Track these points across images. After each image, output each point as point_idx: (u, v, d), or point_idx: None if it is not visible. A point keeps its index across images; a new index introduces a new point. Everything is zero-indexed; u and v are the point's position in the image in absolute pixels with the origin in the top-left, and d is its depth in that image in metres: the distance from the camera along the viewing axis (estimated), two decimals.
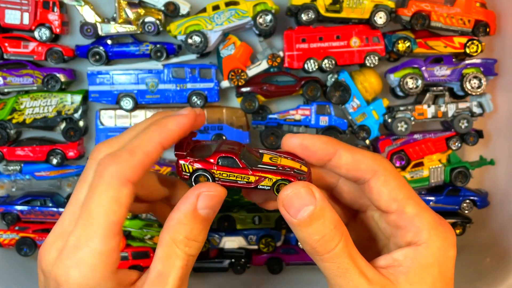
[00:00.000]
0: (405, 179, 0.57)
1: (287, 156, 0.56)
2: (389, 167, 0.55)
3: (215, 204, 0.52)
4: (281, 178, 0.53)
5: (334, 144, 0.55)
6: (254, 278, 1.11)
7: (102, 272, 0.48)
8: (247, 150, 0.55)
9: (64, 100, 1.06)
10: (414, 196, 0.54)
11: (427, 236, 0.52)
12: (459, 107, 1.10)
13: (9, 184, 1.09)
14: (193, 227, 0.51)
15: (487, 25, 1.06)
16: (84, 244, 0.48)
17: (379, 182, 0.54)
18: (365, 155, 0.55)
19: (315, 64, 1.05)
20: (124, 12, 1.05)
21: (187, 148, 0.55)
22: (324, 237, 0.49)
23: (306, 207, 0.49)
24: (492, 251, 1.08)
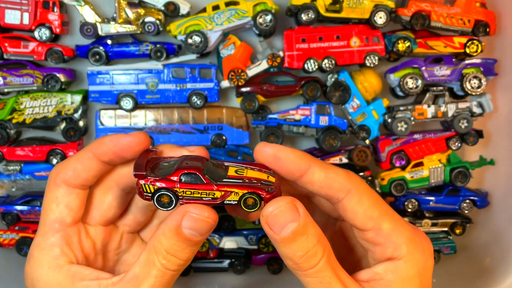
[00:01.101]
0: (378, 196, 0.56)
1: (254, 167, 0.54)
2: (362, 185, 0.54)
3: (200, 227, 0.51)
4: (248, 191, 0.51)
5: (307, 160, 0.54)
6: (254, 278, 1.11)
7: (45, 265, 0.54)
8: (211, 164, 0.53)
9: (64, 100, 1.06)
10: (389, 211, 0.54)
11: (405, 250, 0.53)
12: (459, 107, 1.10)
13: (9, 184, 1.09)
14: (174, 243, 0.51)
15: (487, 25, 1.06)
16: (33, 241, 0.56)
17: (353, 201, 0.53)
18: (338, 173, 0.54)
19: (315, 64, 1.05)
20: (124, 12, 1.05)
21: (147, 167, 0.53)
22: (307, 253, 0.50)
23: (290, 223, 0.49)
24: (492, 251, 1.08)
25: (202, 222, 0.51)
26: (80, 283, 0.54)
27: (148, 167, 0.53)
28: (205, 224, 0.51)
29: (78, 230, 0.58)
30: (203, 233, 0.51)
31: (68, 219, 0.56)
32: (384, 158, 1.11)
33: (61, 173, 0.56)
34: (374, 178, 1.12)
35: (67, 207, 0.56)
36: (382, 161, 1.11)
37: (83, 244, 0.58)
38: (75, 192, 0.56)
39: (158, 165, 0.54)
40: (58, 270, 0.55)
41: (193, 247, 0.52)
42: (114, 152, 0.55)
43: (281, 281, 1.10)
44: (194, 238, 0.51)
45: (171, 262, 0.52)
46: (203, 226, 0.51)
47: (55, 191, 0.56)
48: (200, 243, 0.52)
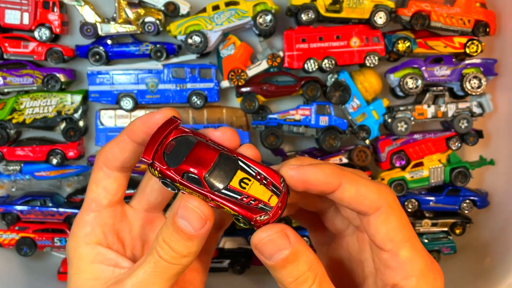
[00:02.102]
0: (406, 218, 0.54)
1: (263, 180, 0.50)
2: (393, 203, 0.52)
3: (192, 219, 0.50)
4: (238, 214, 0.49)
5: (338, 177, 0.51)
6: (254, 278, 1.11)
7: (75, 239, 0.57)
8: (224, 161, 0.50)
9: (64, 100, 1.06)
10: (412, 238, 0.53)
11: (415, 283, 0.52)
12: (459, 107, 1.10)
13: (9, 184, 1.09)
14: (170, 232, 0.51)
15: (487, 25, 1.06)
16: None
17: (379, 219, 0.51)
18: (370, 189, 0.51)
19: (315, 64, 1.05)
20: (124, 12, 1.05)
21: (163, 143, 0.51)
22: (297, 280, 0.49)
23: (280, 252, 0.49)
24: (492, 251, 1.08)
25: (194, 214, 0.50)
26: (97, 265, 0.55)
27: (165, 143, 0.51)
28: (197, 217, 0.50)
29: (113, 213, 0.58)
30: (195, 227, 0.50)
31: (104, 201, 0.57)
32: (384, 158, 1.11)
33: (102, 156, 0.57)
34: (374, 178, 1.12)
35: (104, 189, 0.57)
36: (382, 161, 1.11)
37: (118, 228, 0.59)
38: (113, 176, 0.57)
39: (177, 141, 0.52)
40: (84, 246, 0.56)
41: (187, 242, 0.51)
42: (144, 132, 0.54)
43: None
44: (186, 230, 0.50)
45: (165, 251, 0.51)
46: (194, 218, 0.50)
47: (96, 173, 0.57)
48: (195, 240, 0.50)
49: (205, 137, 0.52)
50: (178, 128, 0.53)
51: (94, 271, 0.56)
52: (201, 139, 0.52)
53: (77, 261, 0.56)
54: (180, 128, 0.53)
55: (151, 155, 0.50)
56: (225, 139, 0.53)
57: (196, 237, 0.50)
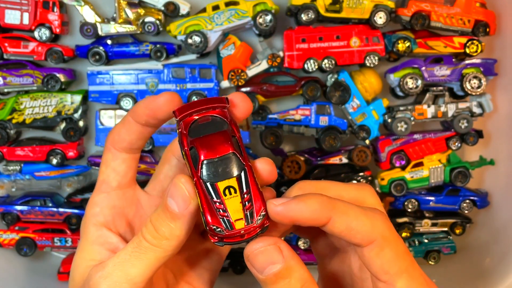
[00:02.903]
0: (404, 247, 0.51)
1: (254, 201, 0.48)
2: (388, 235, 0.50)
3: (177, 196, 0.49)
4: (203, 211, 0.48)
5: (326, 211, 0.48)
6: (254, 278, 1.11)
7: (86, 217, 0.58)
8: (230, 161, 0.49)
9: (64, 100, 1.06)
10: (410, 268, 0.50)
11: None
12: (459, 107, 1.10)
13: (9, 184, 1.09)
14: (158, 211, 0.50)
15: (487, 25, 1.06)
16: None
17: (373, 252, 0.49)
18: (363, 221, 0.49)
19: (315, 64, 1.05)
20: (124, 12, 1.05)
21: (198, 114, 0.51)
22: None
23: (271, 266, 0.47)
24: (492, 251, 1.08)
25: (181, 191, 0.49)
26: (96, 246, 0.55)
27: (202, 114, 0.52)
28: (182, 195, 0.49)
29: (123, 196, 0.58)
30: (180, 206, 0.49)
31: (114, 183, 0.57)
32: (384, 158, 1.11)
33: (110, 137, 0.57)
34: (374, 178, 1.12)
35: (114, 170, 0.57)
36: (382, 161, 1.11)
37: (128, 211, 0.59)
38: (121, 157, 0.57)
39: (212, 119, 0.51)
40: (91, 226, 0.57)
41: (170, 223, 0.49)
42: (147, 114, 0.55)
43: None
44: (170, 207, 0.49)
45: (148, 230, 0.50)
46: (180, 196, 0.49)
47: (106, 155, 0.57)
48: (178, 221, 0.49)
49: (236, 134, 0.51)
50: (223, 110, 0.52)
51: (92, 252, 0.56)
52: (230, 131, 0.51)
53: (82, 240, 0.57)
54: (224, 111, 0.52)
55: (182, 115, 0.51)
56: (263, 170, 0.52)
57: (179, 218, 0.49)
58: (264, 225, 0.49)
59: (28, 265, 1.10)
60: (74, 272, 0.57)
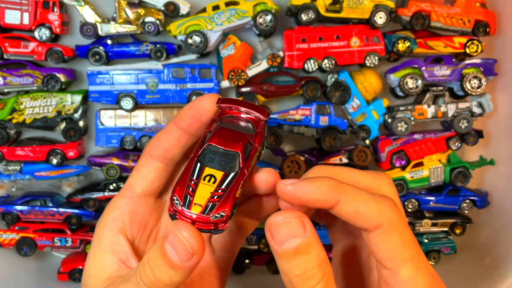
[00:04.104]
0: (411, 235, 0.50)
1: (224, 199, 0.48)
2: (395, 221, 0.49)
3: (178, 249, 0.47)
4: (178, 182, 0.49)
5: (335, 194, 0.48)
6: (254, 278, 1.11)
7: (103, 221, 0.57)
8: (233, 158, 0.50)
9: (64, 100, 1.06)
10: (415, 257, 0.50)
11: None
12: (459, 107, 1.10)
13: (9, 184, 1.09)
14: (156, 255, 0.48)
15: (487, 25, 1.06)
16: None
17: (378, 237, 0.49)
18: (370, 206, 0.48)
19: (315, 64, 1.05)
20: (124, 12, 1.05)
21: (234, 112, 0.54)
22: (304, 274, 0.47)
23: (293, 239, 0.46)
24: (492, 251, 1.08)
25: (182, 244, 0.47)
26: (108, 254, 0.55)
27: (236, 113, 0.54)
28: (184, 249, 0.47)
29: (146, 204, 0.57)
30: (181, 258, 0.47)
31: (138, 189, 0.57)
32: (384, 158, 1.11)
33: (149, 144, 0.57)
34: None
35: (143, 176, 0.57)
36: (382, 161, 1.11)
37: (148, 221, 0.58)
38: (154, 164, 0.56)
39: (243, 122, 0.54)
40: (108, 230, 0.56)
41: (170, 270, 0.48)
42: (191, 114, 0.54)
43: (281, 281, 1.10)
44: (172, 258, 0.47)
45: (146, 274, 0.49)
46: (181, 249, 0.47)
47: (140, 161, 0.57)
48: (179, 270, 0.47)
49: (255, 143, 0.52)
50: (260, 121, 0.54)
51: (104, 260, 0.55)
52: (251, 137, 0.52)
53: (95, 244, 0.57)
54: (260, 122, 0.53)
55: (223, 104, 0.53)
56: (262, 179, 0.53)
57: (181, 268, 0.47)
58: (219, 226, 0.48)
59: (28, 265, 1.10)
60: (86, 281, 0.57)
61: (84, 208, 1.08)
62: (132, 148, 1.08)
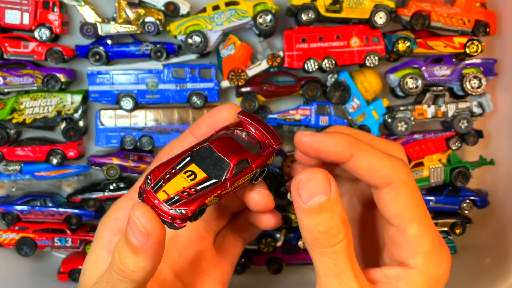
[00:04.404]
0: (419, 194, 0.52)
1: (193, 198, 0.48)
2: (406, 179, 0.51)
3: (135, 230, 0.46)
4: (159, 165, 0.50)
5: (350, 148, 0.50)
6: (254, 278, 1.11)
7: (106, 220, 0.59)
8: (223, 165, 0.50)
9: (64, 100, 1.06)
10: (422, 216, 0.51)
11: (421, 261, 0.51)
12: (459, 107, 1.10)
13: (9, 184, 1.09)
14: (122, 242, 0.49)
15: (487, 25, 1.06)
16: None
17: (389, 194, 0.50)
18: (383, 163, 0.50)
19: (315, 64, 1.05)
20: (124, 12, 1.05)
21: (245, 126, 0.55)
22: (330, 230, 0.47)
23: (320, 195, 0.47)
24: (492, 251, 1.08)
25: (136, 226, 0.47)
26: (104, 252, 0.56)
27: (246, 127, 0.55)
28: (138, 230, 0.46)
29: None
30: (139, 240, 0.46)
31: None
32: None
33: (162, 152, 0.58)
34: None
35: None
36: None
37: None
38: None
39: (250, 138, 0.55)
40: (108, 228, 0.57)
41: (133, 255, 0.47)
42: (209, 123, 0.55)
43: (281, 281, 1.10)
44: (131, 241, 0.47)
45: (115, 261, 0.49)
46: (136, 231, 0.47)
47: (151, 165, 0.57)
48: (141, 254, 0.47)
49: (254, 164, 0.52)
50: (271, 147, 0.53)
51: (99, 257, 0.56)
52: (252, 157, 0.52)
53: (94, 242, 0.57)
54: (268, 147, 0.53)
55: (242, 117, 0.54)
56: (256, 201, 0.54)
57: (142, 252, 0.47)
58: (175, 222, 0.48)
59: (28, 265, 1.10)
60: (81, 278, 0.57)
61: (84, 208, 1.08)
62: (132, 148, 1.08)
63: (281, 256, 1.11)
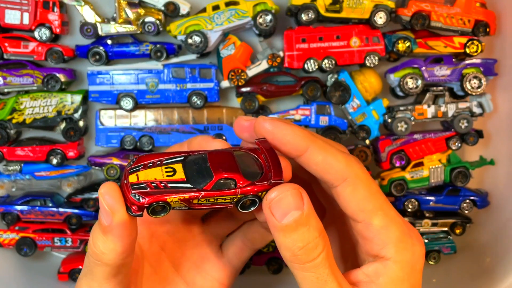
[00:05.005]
0: (377, 187, 0.53)
1: (165, 194, 0.48)
2: (361, 174, 0.51)
3: (101, 207, 0.48)
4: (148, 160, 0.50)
5: (306, 140, 0.51)
6: (254, 278, 1.11)
7: None
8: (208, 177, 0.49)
9: (64, 100, 1.06)
10: (384, 206, 0.52)
11: (393, 250, 0.51)
12: (459, 107, 1.10)
13: (9, 184, 1.09)
14: (96, 224, 0.50)
15: (487, 25, 1.06)
16: None
17: (346, 190, 0.51)
18: (337, 158, 0.51)
19: (315, 64, 1.05)
20: (124, 12, 1.05)
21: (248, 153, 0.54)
22: (308, 245, 0.48)
23: (294, 211, 0.47)
24: (492, 251, 1.08)
25: (101, 202, 0.48)
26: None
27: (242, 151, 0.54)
28: (102, 208, 0.48)
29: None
30: (105, 219, 0.47)
31: None
32: (384, 158, 1.11)
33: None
34: (374, 178, 1.12)
35: None
36: (382, 161, 1.11)
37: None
38: None
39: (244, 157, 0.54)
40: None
41: (103, 235, 0.48)
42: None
43: (281, 281, 1.10)
44: (100, 219, 0.48)
45: (89, 245, 0.50)
46: (102, 208, 0.48)
47: None
48: (109, 234, 0.48)
49: (249, 191, 0.50)
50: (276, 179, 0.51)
51: None
52: (243, 181, 0.50)
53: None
54: (270, 178, 0.51)
55: (258, 143, 0.53)
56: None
57: (109, 231, 0.48)
58: (131, 207, 0.48)
59: (28, 265, 1.10)
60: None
61: (84, 208, 1.08)
62: (132, 148, 1.08)
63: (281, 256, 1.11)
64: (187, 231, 0.64)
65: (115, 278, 0.51)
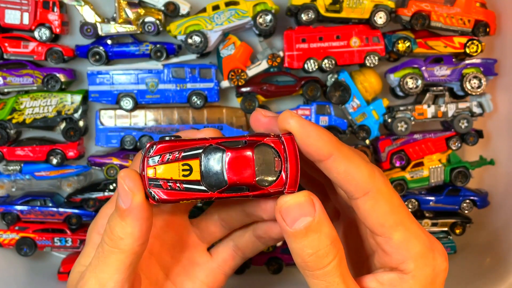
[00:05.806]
0: (399, 200, 0.51)
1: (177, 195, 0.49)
2: (383, 187, 0.50)
3: (121, 191, 0.48)
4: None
5: (330, 146, 0.48)
6: (254, 278, 1.11)
7: (95, 226, 0.60)
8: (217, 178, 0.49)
9: (64, 100, 1.06)
10: (405, 220, 0.50)
11: (413, 266, 0.50)
12: (459, 107, 1.10)
13: (9, 184, 1.09)
14: (113, 214, 0.51)
15: (487, 25, 1.06)
16: None
17: (367, 204, 0.49)
18: (361, 169, 0.49)
19: (315, 64, 1.05)
20: (124, 12, 1.05)
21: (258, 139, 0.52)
22: (317, 252, 0.47)
23: (304, 217, 0.46)
24: (492, 251, 1.08)
25: (121, 185, 0.48)
26: (88, 258, 0.56)
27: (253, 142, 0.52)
28: (123, 189, 0.48)
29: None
30: (124, 201, 0.48)
31: None
32: (384, 158, 1.11)
33: None
34: None
35: None
36: (382, 161, 1.11)
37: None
38: None
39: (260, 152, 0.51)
40: (95, 233, 0.59)
41: (121, 221, 0.49)
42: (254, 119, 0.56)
43: (281, 281, 1.10)
44: (119, 206, 0.49)
45: (106, 233, 0.50)
46: (122, 191, 0.48)
47: None
48: (127, 218, 0.49)
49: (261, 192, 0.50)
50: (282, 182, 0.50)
51: (88, 256, 0.56)
52: (255, 188, 0.50)
53: (85, 245, 0.58)
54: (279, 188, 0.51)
55: (284, 138, 0.50)
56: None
57: (128, 215, 0.48)
58: (142, 198, 0.49)
59: (28, 265, 1.10)
60: (70, 275, 0.58)
61: (84, 208, 1.08)
62: (132, 148, 1.08)
63: (281, 256, 1.11)
64: (174, 234, 0.63)
65: (127, 270, 0.50)
